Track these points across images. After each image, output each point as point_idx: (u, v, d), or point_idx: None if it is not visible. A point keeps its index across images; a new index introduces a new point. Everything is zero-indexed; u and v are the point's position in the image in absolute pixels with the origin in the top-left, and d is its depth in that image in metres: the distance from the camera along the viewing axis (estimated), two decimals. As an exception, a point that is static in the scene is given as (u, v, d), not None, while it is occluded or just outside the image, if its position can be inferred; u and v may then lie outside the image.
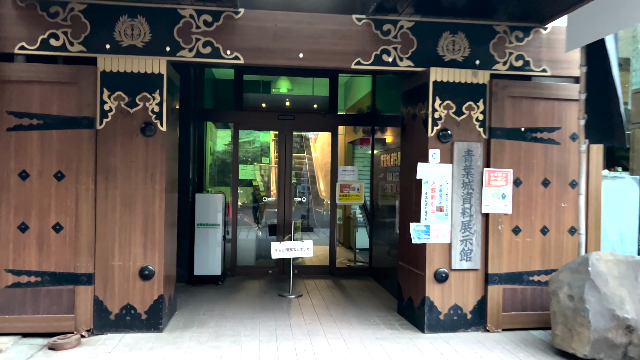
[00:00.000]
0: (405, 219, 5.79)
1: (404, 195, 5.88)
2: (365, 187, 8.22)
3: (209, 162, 9.63)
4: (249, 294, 6.79)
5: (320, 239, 12.77)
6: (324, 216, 14.30)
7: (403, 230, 5.84)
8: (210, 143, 9.69)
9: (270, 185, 11.44)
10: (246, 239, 8.15)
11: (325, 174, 14.42)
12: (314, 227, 13.78)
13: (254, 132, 12.01)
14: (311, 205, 13.44)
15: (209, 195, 7.47)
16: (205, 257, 7.35)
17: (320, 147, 14.62)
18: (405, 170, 5.83)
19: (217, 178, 10.77)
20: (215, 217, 7.38)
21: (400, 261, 5.90)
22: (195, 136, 7.83)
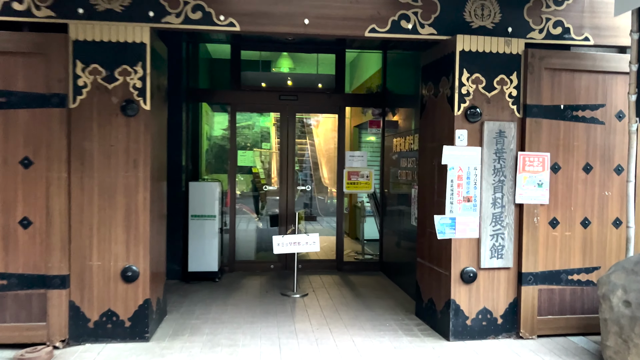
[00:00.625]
0: (424, 210, 5.10)
1: (423, 184, 5.18)
2: (375, 174, 7.52)
3: (205, 147, 8.93)
4: (249, 293, 6.12)
5: (324, 228, 12.12)
6: (327, 205, 13.66)
7: (423, 222, 5.16)
8: (206, 127, 8.98)
9: (272, 172, 10.74)
10: (245, 231, 7.50)
11: (328, 161, 13.73)
12: (317, 216, 13.12)
13: (254, 116, 11.28)
14: (314, 193, 12.77)
15: (204, 183, 6.79)
16: (201, 252, 6.69)
17: (323, 132, 13.89)
18: (425, 155, 5.13)
19: (215, 165, 10.06)
20: (211, 208, 6.70)
21: (419, 258, 5.23)
22: (188, 119, 7.12)
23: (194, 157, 7.86)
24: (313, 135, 14.33)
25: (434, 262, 4.87)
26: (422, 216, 5.16)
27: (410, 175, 6.11)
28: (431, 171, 4.92)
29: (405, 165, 6.36)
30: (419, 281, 5.24)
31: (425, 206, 5.08)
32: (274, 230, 8.87)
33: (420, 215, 5.22)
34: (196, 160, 8.20)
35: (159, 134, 4.89)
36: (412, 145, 6.08)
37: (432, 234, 4.85)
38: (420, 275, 5.20)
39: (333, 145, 13.49)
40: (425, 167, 5.10)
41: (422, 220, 5.15)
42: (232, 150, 7.34)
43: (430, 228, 4.93)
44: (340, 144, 7.47)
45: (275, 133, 12.32)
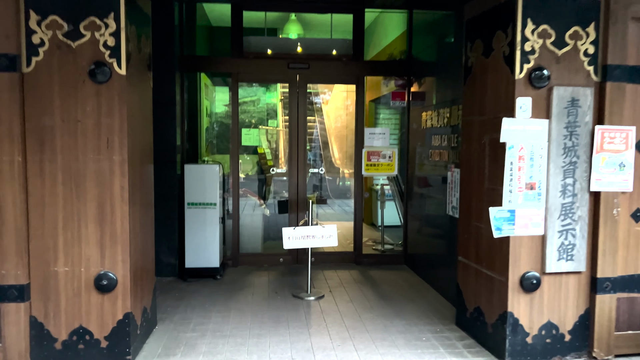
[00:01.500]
0: (469, 198, 4.15)
1: (467, 166, 4.22)
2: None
3: (205, 125, 7.97)
4: (255, 295, 5.23)
5: (336, 213, 11.22)
6: (338, 187, 12.73)
7: (466, 214, 4.22)
8: (206, 102, 8.00)
9: (279, 152, 9.80)
10: (250, 219, 6.62)
11: (339, 140, 12.74)
12: (328, 198, 12.21)
13: (259, 90, 10.29)
14: (324, 174, 11.84)
15: (202, 166, 5.85)
16: (200, 246, 5.79)
17: (333, 109, 12.87)
18: (470, 131, 4.16)
19: (217, 145, 9.12)
20: (211, 194, 5.78)
21: (462, 256, 4.29)
22: (183, 91, 6.16)
23: (191, 136, 6.92)
24: (322, 113, 13.33)
25: (484, 263, 3.94)
26: (466, 206, 4.21)
27: (446, 156, 5.14)
28: (479, 151, 3.96)
29: (437, 144, 5.39)
30: (461, 284, 4.31)
31: (471, 194, 4.12)
32: (282, 218, 7.96)
33: (464, 204, 4.27)
34: (195, 139, 7.26)
35: (141, 106, 3.94)
36: (447, 119, 5.10)
37: (481, 229, 3.91)
38: (463, 277, 4.28)
39: (342, 124, 12.54)
40: (471, 146, 4.13)
41: (466, 210, 4.21)
42: (234, 128, 6.39)
43: (477, 221, 3.99)
44: (358, 120, 6.49)
45: (282, 109, 11.35)
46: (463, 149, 4.28)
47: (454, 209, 4.86)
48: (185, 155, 6.22)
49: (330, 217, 10.48)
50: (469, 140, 4.16)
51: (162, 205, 5.68)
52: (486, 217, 3.73)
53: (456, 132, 4.85)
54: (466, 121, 4.23)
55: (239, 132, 6.43)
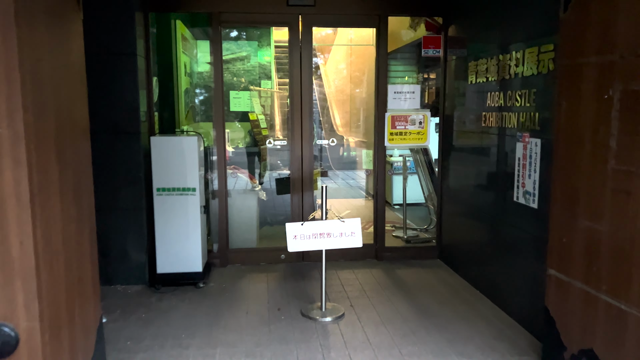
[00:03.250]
0: (572, 184, 2.74)
1: (568, 135, 2.78)
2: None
3: (184, 86, 6.43)
4: (250, 314, 3.85)
5: (340, 188, 9.82)
6: (342, 157, 11.30)
7: (565, 207, 2.80)
8: (184, 58, 6.44)
9: (275, 119, 8.29)
10: (242, 205, 5.23)
11: (342, 104, 11.19)
12: (330, 170, 10.80)
13: (249, 45, 8.69)
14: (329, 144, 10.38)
15: (175, 139, 4.36)
16: (175, 244, 4.37)
17: (334, 69, 11.28)
18: (577, 81, 2.70)
19: (201, 111, 7.60)
20: (188, 175, 4.32)
21: (555, 270, 2.90)
22: (148, 39, 4.62)
23: (166, 100, 5.43)
24: (321, 74, 11.74)
25: (604, 287, 2.55)
26: (566, 195, 2.79)
27: (512, 120, 3.69)
28: (597, 111, 2.52)
29: (496, 104, 3.93)
30: (553, 310, 2.94)
31: (576, 177, 2.70)
32: (282, 201, 6.56)
33: (560, 192, 2.85)
34: (170, 104, 5.77)
35: (57, 54, 2.42)
36: (515, 68, 3.63)
37: (598, 234, 2.52)
38: (558, 301, 2.89)
39: (345, 85, 10.99)
40: (577, 104, 2.68)
41: (565, 202, 2.79)
42: (217, 88, 4.88)
43: (592, 220, 2.59)
44: (380, 75, 4.98)
45: (276, 67, 9.77)
46: (561, 109, 2.83)
47: (528, 195, 3.45)
48: (154, 125, 4.73)
49: (333, 193, 9.08)
50: (574, 96, 2.71)
51: (124, 192, 4.25)
52: (610, 215, 2.34)
53: (533, 87, 3.39)
54: (568, 66, 2.76)
55: (223, 94, 4.93)
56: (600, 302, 2.56)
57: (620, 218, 2.41)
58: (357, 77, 9.91)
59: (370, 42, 8.93)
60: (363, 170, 10.30)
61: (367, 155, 7.43)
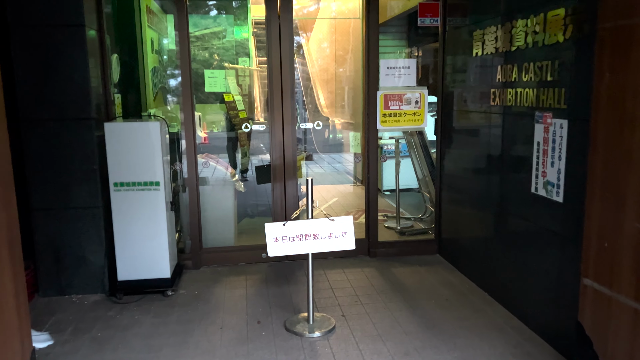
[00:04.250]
0: (617, 176, 2.20)
1: (611, 115, 2.23)
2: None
3: (151, 65, 5.76)
4: (226, 330, 3.29)
5: (326, 173, 9.25)
6: (327, 140, 10.71)
7: (607, 205, 2.27)
8: (151, 33, 5.76)
9: (254, 101, 7.64)
10: (216, 200, 4.64)
11: (326, 83, 10.55)
12: (314, 153, 10.22)
13: (224, 20, 7.98)
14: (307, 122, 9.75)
15: (133, 125, 3.72)
16: (137, 248, 3.78)
17: (318, 46, 10.60)
18: (626, 48, 2.14)
19: (173, 93, 6.92)
20: (151, 168, 3.71)
21: (594, 280, 2.38)
22: (101, 9, 3.94)
23: (128, 81, 4.79)
24: (304, 52, 11.06)
25: (663, 306, 2.03)
26: (610, 191, 2.25)
27: (529, 97, 3.13)
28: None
29: (509, 78, 3.37)
30: (589, 328, 2.42)
31: (628, 170, 2.16)
32: (263, 192, 5.98)
33: (599, 187, 2.31)
34: (135, 85, 5.14)
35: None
36: (534, 37, 3.06)
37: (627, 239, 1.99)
38: (596, 317, 2.38)
39: (329, 63, 10.34)
40: (622, 78, 2.13)
41: (610, 200, 2.26)
42: (184, 65, 4.24)
43: None
44: (371, 49, 4.38)
45: (256, 45, 9.08)
46: (602, 83, 2.27)
47: (551, 186, 2.91)
48: (115, 108, 4.09)
49: (319, 178, 8.53)
50: (622, 66, 2.15)
51: (77, 189, 3.64)
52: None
53: (557, 57, 2.83)
54: (613, 30, 2.20)
55: (190, 72, 4.29)
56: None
57: (688, 221, 1.89)
58: (343, 54, 9.26)
59: (357, 15, 8.30)
60: (351, 154, 9.74)
61: (355, 138, 6.85)
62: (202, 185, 4.52)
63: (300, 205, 4.64)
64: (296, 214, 3.42)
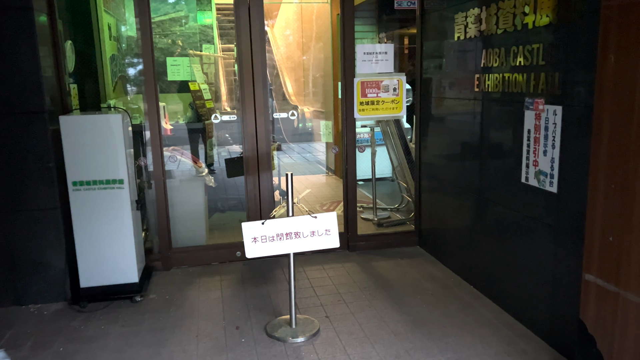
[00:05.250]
0: (624, 167, 2.06)
1: (618, 99, 2.09)
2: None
3: (109, 53, 5.37)
4: (202, 338, 3.05)
5: (297, 163, 9.03)
6: (297, 129, 10.45)
7: (604, 199, 2.14)
8: (108, 19, 5.37)
9: (221, 89, 7.31)
10: (185, 195, 4.35)
11: (294, 70, 10.28)
12: (283, 143, 9.98)
13: (185, 4, 7.59)
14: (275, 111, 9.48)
15: (90, 118, 3.39)
16: (101, 251, 3.48)
17: (281, 34, 10.29)
18: (629, 31, 1.99)
19: (134, 82, 6.52)
20: (113, 164, 3.41)
21: (595, 275, 2.25)
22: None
23: (85, 70, 4.43)
24: (268, 39, 10.72)
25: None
26: (616, 183, 2.12)
27: (518, 83, 2.99)
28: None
29: (495, 63, 3.22)
30: (592, 327, 2.30)
31: (636, 161, 2.03)
32: (233, 183, 5.73)
33: (603, 178, 2.17)
34: (92, 74, 4.77)
35: None
36: (523, 18, 2.90)
37: None
38: (600, 315, 2.26)
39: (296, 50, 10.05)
40: (630, 61, 1.99)
41: (615, 192, 2.12)
42: (146, 52, 3.92)
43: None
44: (346, 33, 4.15)
45: (219, 32, 8.72)
46: (606, 67, 2.12)
47: (543, 176, 2.78)
48: (71, 99, 3.74)
49: (290, 169, 8.29)
50: (629, 49, 2.00)
51: (33, 189, 3.32)
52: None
53: (551, 40, 2.68)
54: (618, 8, 2.05)
55: (153, 59, 3.98)
56: (671, 324, 1.93)
57: None
58: (310, 40, 8.99)
59: None
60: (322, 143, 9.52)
61: (326, 127, 6.65)
62: (169, 180, 4.23)
63: (274, 198, 4.42)
64: (275, 211, 3.19)
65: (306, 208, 3.06)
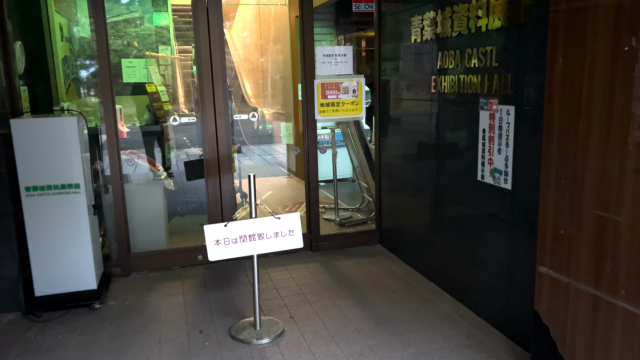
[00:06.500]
0: (573, 163, 2.18)
1: (563, 101, 2.20)
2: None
3: (61, 54, 5.21)
4: (165, 344, 3.00)
5: (257, 165, 9.00)
6: (256, 131, 10.40)
7: (555, 193, 2.25)
8: (59, 19, 5.21)
9: (178, 91, 7.21)
10: (145, 199, 4.27)
11: (252, 72, 10.24)
12: (243, 145, 9.92)
13: (139, 4, 7.44)
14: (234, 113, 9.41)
15: (43, 121, 3.29)
16: (57, 258, 3.38)
17: (239, 35, 10.23)
18: (582, 30, 2.10)
19: (87, 85, 6.35)
20: (68, 168, 3.31)
21: (548, 267, 2.36)
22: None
23: (35, 72, 4.28)
24: (226, 39, 10.65)
25: (622, 291, 2.03)
26: (565, 178, 2.23)
27: (473, 84, 3.09)
28: (609, 70, 1.95)
29: (451, 65, 3.32)
30: (546, 316, 2.41)
31: (583, 157, 2.14)
32: (192, 186, 5.66)
33: (554, 174, 2.28)
34: (44, 76, 4.62)
35: None
36: (476, 21, 3.01)
37: (617, 226, 1.99)
38: (553, 305, 2.36)
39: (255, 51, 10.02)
40: (576, 62, 2.10)
41: (565, 187, 2.23)
42: (101, 54, 3.83)
43: (603, 209, 2.05)
44: (306, 34, 4.18)
45: (175, 34, 8.58)
46: (555, 68, 2.23)
47: (498, 173, 2.89)
48: (22, 102, 3.61)
49: (250, 171, 8.24)
50: (576, 50, 2.11)
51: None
52: (633, 203, 1.82)
53: (502, 42, 2.79)
54: (566, 12, 2.15)
55: (109, 61, 3.89)
56: (618, 311, 2.05)
57: (648, 206, 1.88)
58: (269, 42, 8.98)
59: (282, 1, 8.06)
60: (282, 145, 9.51)
61: (287, 129, 6.66)
62: (127, 184, 4.15)
63: (236, 200, 4.40)
64: (238, 213, 3.18)
65: (269, 209, 3.07)
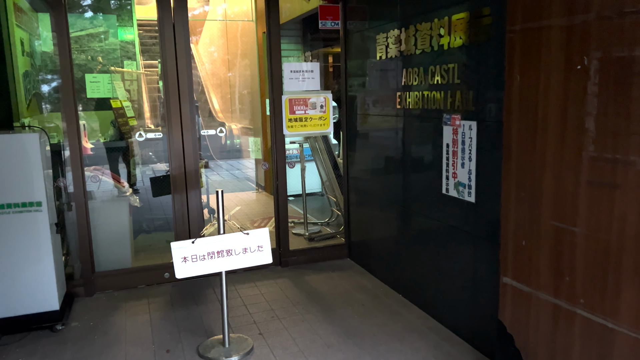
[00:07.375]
0: (532, 177, 2.26)
1: (524, 115, 2.29)
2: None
3: (22, 69, 5.09)
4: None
5: (225, 180, 8.93)
6: (224, 146, 10.36)
7: (523, 204, 2.33)
8: (20, 33, 5.10)
9: (144, 106, 7.12)
10: (109, 216, 4.18)
11: (220, 87, 10.21)
12: (211, 160, 9.85)
13: (104, 19, 7.36)
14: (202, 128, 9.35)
15: (4, 137, 3.21)
16: (17, 278, 3.27)
17: (206, 50, 10.22)
18: (536, 50, 2.20)
19: (49, 100, 6.21)
20: (29, 186, 3.23)
21: (510, 277, 2.43)
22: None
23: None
24: (194, 56, 10.62)
25: (580, 300, 2.11)
26: (525, 191, 2.31)
27: (436, 100, 3.17)
28: (562, 88, 2.05)
29: (415, 82, 3.40)
30: (510, 326, 2.47)
31: (540, 169, 2.22)
32: (158, 202, 5.59)
33: (514, 187, 2.36)
34: (3, 91, 4.51)
35: None
36: (439, 40, 3.10)
37: (573, 237, 2.07)
38: (516, 315, 2.43)
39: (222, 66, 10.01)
40: (532, 80, 2.19)
41: (525, 199, 2.31)
42: (64, 69, 3.78)
43: (561, 221, 2.13)
44: (273, 51, 4.22)
45: (141, 49, 8.50)
46: (513, 85, 2.32)
47: (462, 187, 2.97)
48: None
49: (218, 186, 8.19)
50: (532, 68, 2.21)
51: None
52: (588, 215, 1.91)
53: (464, 60, 2.88)
54: (522, 32, 2.25)
55: (72, 76, 3.83)
56: (577, 319, 2.12)
57: (602, 217, 1.96)
58: (236, 57, 8.99)
59: (249, 17, 8.09)
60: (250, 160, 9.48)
61: (255, 144, 6.66)
62: (91, 201, 4.06)
63: (203, 216, 4.36)
64: (206, 229, 3.16)
65: (237, 225, 3.06)
